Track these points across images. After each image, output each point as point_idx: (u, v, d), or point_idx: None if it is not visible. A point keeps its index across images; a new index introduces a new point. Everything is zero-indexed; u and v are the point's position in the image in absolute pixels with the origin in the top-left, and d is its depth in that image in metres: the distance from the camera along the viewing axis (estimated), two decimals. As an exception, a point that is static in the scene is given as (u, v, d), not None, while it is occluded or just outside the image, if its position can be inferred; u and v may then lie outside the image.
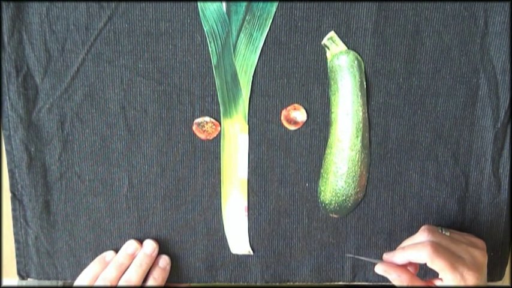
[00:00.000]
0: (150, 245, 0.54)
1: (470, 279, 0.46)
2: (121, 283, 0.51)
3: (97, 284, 0.51)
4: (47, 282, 0.57)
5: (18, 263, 0.55)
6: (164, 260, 0.54)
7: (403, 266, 0.49)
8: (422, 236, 0.49)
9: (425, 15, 0.50)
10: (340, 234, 0.55)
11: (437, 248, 0.47)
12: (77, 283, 0.53)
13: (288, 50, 0.51)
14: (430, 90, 0.52)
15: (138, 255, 0.53)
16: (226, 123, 0.52)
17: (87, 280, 0.52)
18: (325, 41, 0.51)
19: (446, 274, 0.47)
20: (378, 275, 0.56)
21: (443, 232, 0.50)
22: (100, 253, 0.55)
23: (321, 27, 0.50)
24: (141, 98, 0.52)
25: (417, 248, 0.48)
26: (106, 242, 0.55)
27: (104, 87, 0.51)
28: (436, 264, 0.46)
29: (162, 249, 0.55)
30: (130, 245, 0.54)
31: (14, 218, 0.54)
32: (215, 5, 0.50)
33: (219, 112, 0.52)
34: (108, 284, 0.51)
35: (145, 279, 0.53)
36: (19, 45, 0.50)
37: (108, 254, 0.54)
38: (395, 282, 0.49)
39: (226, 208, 0.54)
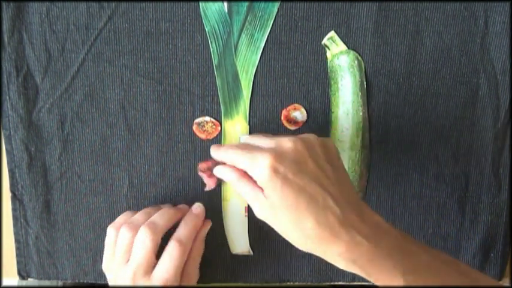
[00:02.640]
0: (186, 206, 0.52)
1: (261, 161, 0.41)
2: (144, 226, 0.47)
3: (122, 230, 0.47)
4: (47, 282, 0.57)
5: (18, 262, 0.55)
6: (198, 207, 0.51)
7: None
8: None
9: (425, 15, 0.50)
10: (340, 234, 0.55)
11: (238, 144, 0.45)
12: (108, 233, 0.49)
13: (288, 49, 0.51)
14: (430, 90, 0.52)
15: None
16: (227, 123, 0.52)
17: (114, 228, 0.49)
18: (325, 41, 0.51)
19: (239, 157, 0.43)
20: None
21: None
22: (100, 253, 0.55)
23: (321, 27, 0.50)
24: (141, 98, 0.52)
25: None
26: (106, 241, 0.55)
27: (104, 87, 0.51)
28: (228, 154, 0.44)
29: (162, 249, 0.55)
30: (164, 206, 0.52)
31: (14, 218, 0.54)
32: (217, 5, 0.50)
33: (219, 112, 0.52)
34: (132, 229, 0.47)
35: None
36: (19, 45, 0.50)
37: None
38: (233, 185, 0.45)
39: (226, 208, 0.54)
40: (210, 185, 0.50)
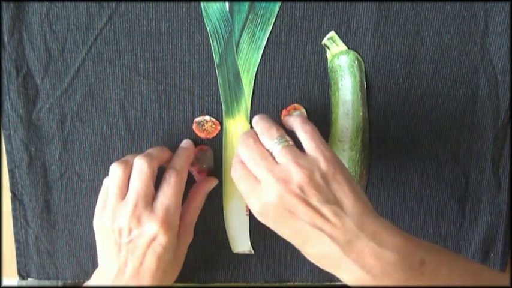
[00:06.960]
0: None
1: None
2: (139, 156, 0.46)
3: (113, 167, 0.47)
4: (47, 282, 0.57)
5: (18, 262, 0.55)
6: (187, 141, 0.51)
7: None
8: None
9: (425, 15, 0.50)
10: (340, 234, 0.55)
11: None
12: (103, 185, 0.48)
13: (288, 49, 0.51)
14: (430, 90, 0.52)
15: None
16: (228, 122, 0.52)
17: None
18: (325, 41, 0.51)
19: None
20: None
21: None
22: (100, 253, 0.55)
23: (321, 27, 0.50)
24: (141, 98, 0.52)
25: None
26: (106, 242, 0.55)
27: (104, 87, 0.51)
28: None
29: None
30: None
31: (14, 218, 0.54)
32: (218, 3, 0.50)
33: (219, 112, 0.52)
34: (123, 163, 0.46)
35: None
36: (19, 45, 0.50)
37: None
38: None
39: (228, 207, 0.54)
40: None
